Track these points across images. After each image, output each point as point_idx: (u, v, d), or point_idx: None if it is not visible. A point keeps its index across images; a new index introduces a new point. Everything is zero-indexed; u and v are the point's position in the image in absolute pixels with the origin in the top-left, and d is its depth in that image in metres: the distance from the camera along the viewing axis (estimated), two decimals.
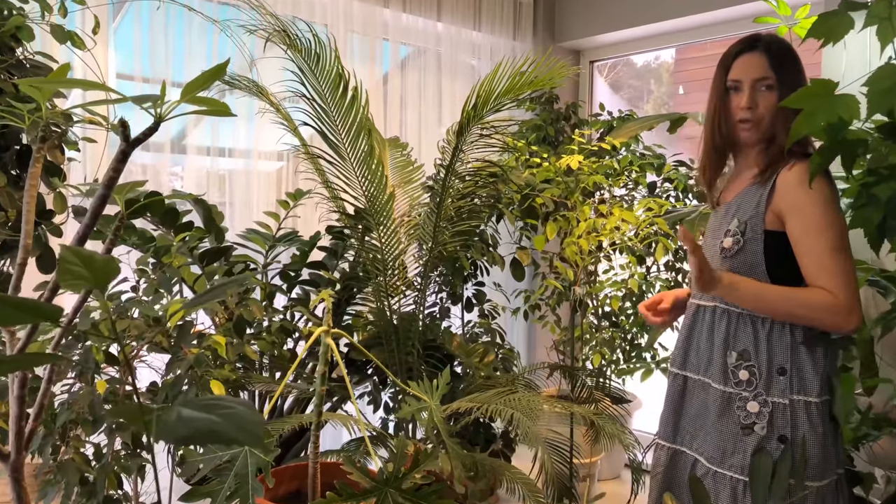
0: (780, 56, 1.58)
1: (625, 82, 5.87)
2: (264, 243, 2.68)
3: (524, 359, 4.31)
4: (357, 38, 3.65)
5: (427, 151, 3.61)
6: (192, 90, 1.08)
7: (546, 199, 2.77)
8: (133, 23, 3.18)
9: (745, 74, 1.60)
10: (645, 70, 6.17)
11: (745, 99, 1.59)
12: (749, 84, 1.60)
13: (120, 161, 1.15)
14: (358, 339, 2.59)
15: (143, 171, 3.13)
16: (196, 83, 1.08)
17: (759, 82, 1.59)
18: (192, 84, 1.08)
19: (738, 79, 1.62)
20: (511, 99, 1.99)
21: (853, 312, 1.46)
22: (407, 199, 2.39)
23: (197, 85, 1.08)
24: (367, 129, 1.92)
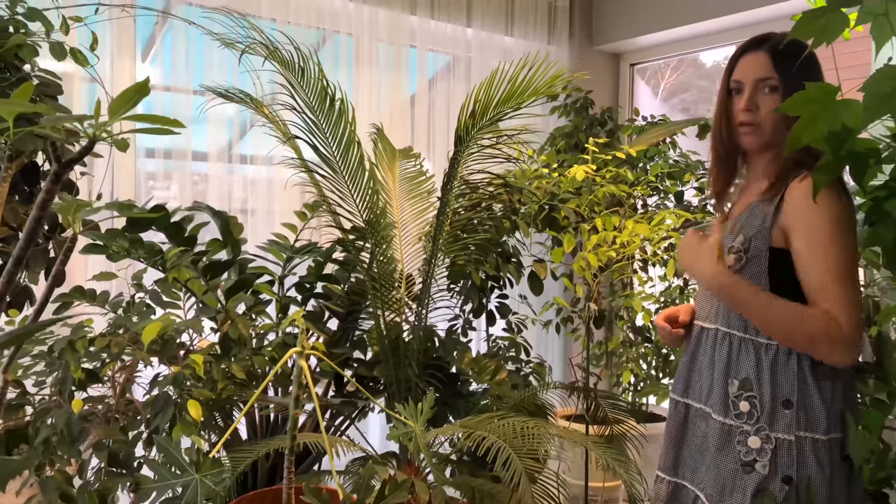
0: (785, 55, 1.44)
1: (692, 83, 5.67)
2: (281, 255, 2.66)
3: (559, 373, 4.17)
4: (384, 46, 3.62)
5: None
6: (120, 107, 1.05)
7: (568, 211, 2.66)
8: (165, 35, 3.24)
9: (747, 74, 1.48)
10: (714, 70, 5.95)
11: (744, 100, 1.47)
12: (750, 85, 1.47)
13: (53, 182, 1.12)
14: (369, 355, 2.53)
15: (166, 177, 3.17)
16: (123, 99, 1.04)
17: (761, 83, 1.46)
18: (118, 101, 1.04)
19: (740, 79, 1.49)
20: (512, 107, 1.90)
21: (853, 346, 1.31)
22: (415, 212, 2.32)
23: (124, 101, 1.04)
24: (356, 143, 1.86)
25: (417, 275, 2.26)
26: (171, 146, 3.20)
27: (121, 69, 3.05)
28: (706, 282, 1.45)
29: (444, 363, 2.20)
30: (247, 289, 2.54)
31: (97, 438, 1.56)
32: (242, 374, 1.72)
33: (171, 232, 2.25)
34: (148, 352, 1.62)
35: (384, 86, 3.64)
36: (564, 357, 4.22)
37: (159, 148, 3.19)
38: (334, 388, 2.60)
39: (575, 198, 2.66)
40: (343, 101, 1.81)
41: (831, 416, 1.37)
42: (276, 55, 1.74)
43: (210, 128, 3.23)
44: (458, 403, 2.25)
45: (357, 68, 3.55)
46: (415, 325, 2.12)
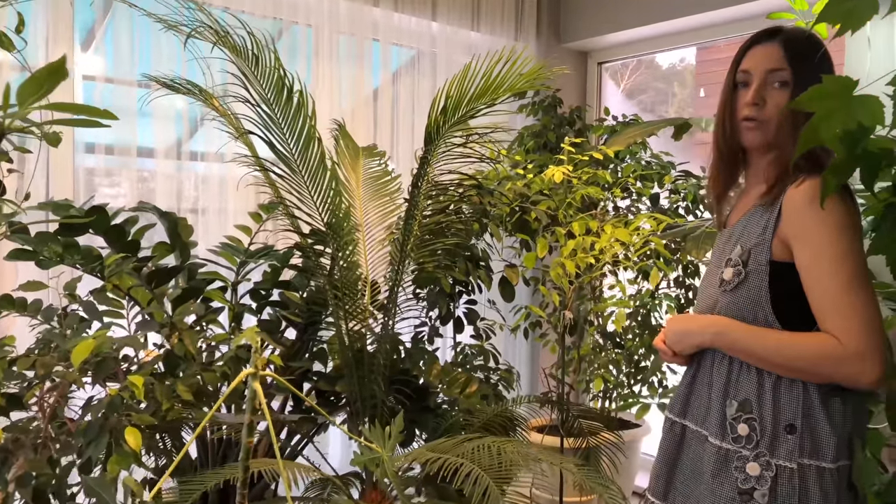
0: (800, 48, 1.34)
1: (649, 85, 5.62)
2: (234, 259, 2.47)
3: (526, 380, 4.06)
4: (345, 39, 3.45)
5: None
6: (31, 93, 0.87)
7: (540, 213, 2.53)
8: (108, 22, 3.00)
9: (756, 65, 1.36)
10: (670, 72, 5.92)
11: (751, 93, 1.35)
12: (759, 77, 1.36)
13: None
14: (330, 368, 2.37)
15: (108, 174, 2.94)
16: (34, 84, 0.87)
17: (771, 75, 1.35)
18: (28, 86, 0.87)
19: (748, 69, 1.38)
20: (486, 103, 1.76)
21: (868, 360, 1.20)
22: (380, 214, 2.16)
23: (35, 86, 0.87)
24: (316, 139, 1.70)
25: (383, 281, 2.10)
26: (115, 141, 2.97)
27: (57, 53, 2.81)
28: (698, 339, 1.40)
29: (411, 377, 2.05)
30: (197, 297, 2.35)
31: (21, 471, 1.37)
32: (189, 394, 1.54)
33: (111, 235, 2.05)
34: (80, 372, 1.43)
35: (345, 80, 3.47)
36: (532, 363, 4.11)
37: (101, 143, 2.96)
38: (292, 402, 2.43)
39: (546, 199, 2.54)
40: (302, 94, 1.65)
41: (840, 443, 1.27)
42: (226, 41, 1.56)
43: (158, 122, 3.02)
44: (426, 419, 2.10)
45: (316, 61, 3.37)
46: (381, 336, 1.96)
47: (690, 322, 1.44)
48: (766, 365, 1.31)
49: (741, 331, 1.33)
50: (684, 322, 1.45)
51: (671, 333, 1.46)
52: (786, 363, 1.28)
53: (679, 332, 1.44)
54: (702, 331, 1.39)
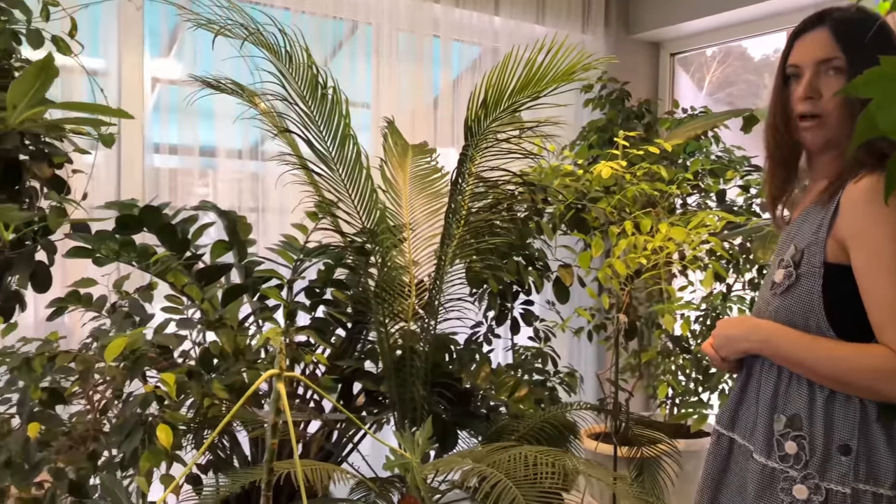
0: (852, 30, 1.20)
1: (739, 77, 5.36)
2: (291, 257, 2.49)
3: (591, 385, 3.93)
4: (404, 36, 3.43)
5: None
6: (22, 94, 0.87)
7: (598, 212, 2.42)
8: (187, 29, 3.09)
9: (805, 57, 1.23)
10: (762, 63, 5.62)
11: (803, 87, 1.22)
12: (810, 68, 1.23)
13: None
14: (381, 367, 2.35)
15: (171, 177, 3.03)
16: (25, 84, 0.86)
17: (823, 65, 1.21)
18: (19, 87, 0.86)
19: (797, 63, 1.25)
20: (530, 96, 1.68)
21: None
22: (427, 212, 2.12)
23: (26, 87, 0.86)
24: (351, 137, 1.67)
25: (430, 281, 2.06)
26: (184, 142, 3.06)
27: (128, 63, 2.92)
28: (743, 345, 1.30)
29: (453, 380, 1.99)
30: (243, 293, 2.38)
31: (60, 465, 1.40)
32: (224, 392, 1.54)
33: (163, 233, 2.10)
34: (110, 370, 1.45)
35: (405, 78, 3.45)
36: (598, 365, 3.98)
37: (172, 144, 3.06)
38: (343, 402, 2.42)
39: (606, 197, 2.43)
40: (336, 91, 1.62)
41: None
42: (259, 39, 1.56)
43: (223, 123, 3.08)
44: (471, 423, 2.04)
45: (377, 60, 3.37)
46: (422, 337, 1.92)
47: (737, 326, 1.32)
48: (816, 377, 1.18)
49: (789, 338, 1.21)
50: (731, 326, 1.34)
51: (718, 337, 1.35)
52: (837, 376, 1.15)
53: (725, 336, 1.33)
54: (746, 336, 1.28)
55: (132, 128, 2.93)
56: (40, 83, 0.81)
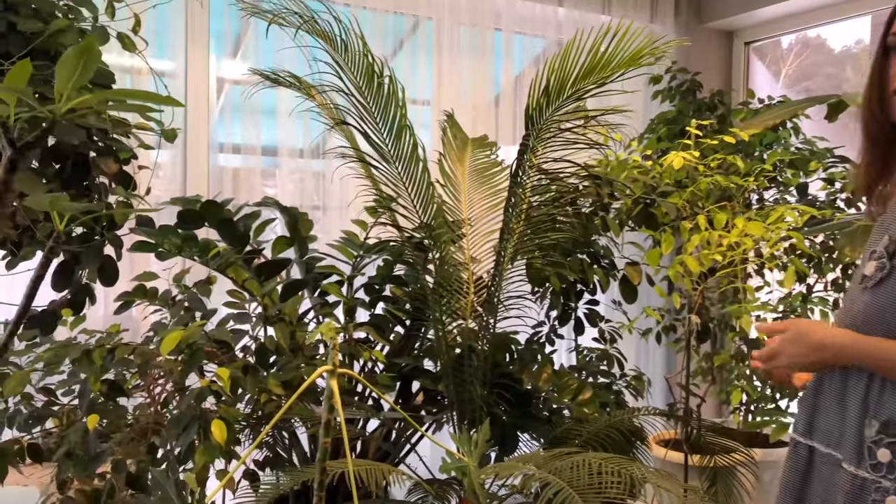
0: None
1: (817, 70, 5.09)
2: (351, 253, 2.47)
3: (659, 389, 3.77)
4: (466, 30, 3.37)
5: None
6: (67, 79, 0.85)
7: (668, 207, 2.30)
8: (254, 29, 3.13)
9: None
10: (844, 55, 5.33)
11: None
12: None
13: (8, 171, 0.95)
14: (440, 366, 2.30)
15: (234, 175, 3.06)
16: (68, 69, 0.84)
17: None
18: (64, 73, 0.84)
19: None
20: (596, 83, 1.60)
21: None
22: (486, 207, 2.06)
23: (70, 71, 0.84)
24: (408, 128, 1.62)
25: (489, 278, 1.99)
26: (249, 142, 3.09)
27: (195, 62, 2.96)
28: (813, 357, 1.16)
29: (513, 380, 1.92)
30: (302, 288, 2.37)
31: (119, 457, 1.41)
32: (279, 388, 1.52)
33: (223, 228, 2.11)
34: (167, 363, 1.45)
35: (467, 72, 3.39)
36: (666, 369, 3.82)
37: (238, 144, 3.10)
38: (401, 401, 2.39)
39: (677, 192, 2.31)
40: (392, 81, 1.58)
41: None
42: (314, 27, 1.53)
43: (287, 121, 3.10)
44: (533, 426, 1.96)
45: (438, 55, 3.33)
46: (480, 336, 1.85)
47: (799, 343, 1.17)
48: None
49: (866, 347, 1.08)
50: (792, 344, 1.19)
51: (781, 355, 1.20)
52: None
53: (791, 345, 1.18)
54: (819, 342, 1.15)
55: (198, 128, 2.98)
56: (83, 67, 0.78)
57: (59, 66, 0.77)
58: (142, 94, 0.92)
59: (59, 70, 0.77)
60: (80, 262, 2.13)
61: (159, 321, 1.69)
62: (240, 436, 1.77)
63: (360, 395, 2.34)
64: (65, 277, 2.21)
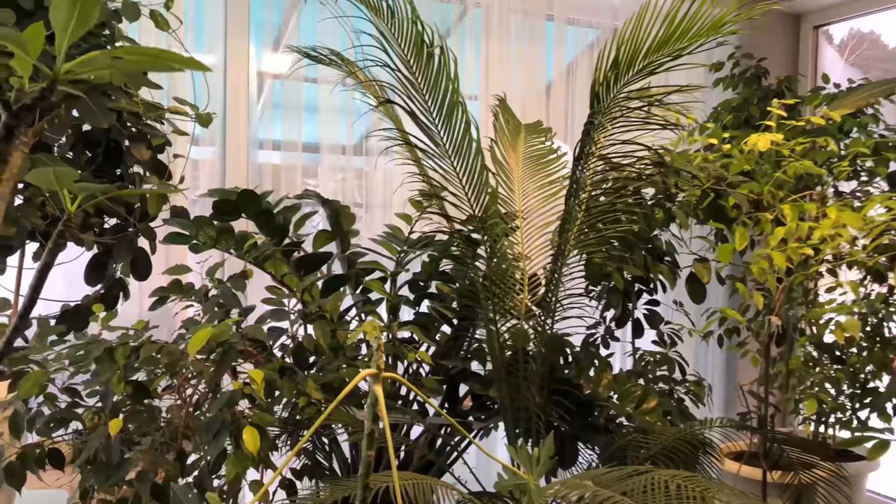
0: None
1: (873, 66, 4.80)
2: (395, 248, 2.34)
3: (720, 396, 3.55)
4: (516, 18, 3.20)
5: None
6: (64, 25, 0.72)
7: (740, 198, 2.10)
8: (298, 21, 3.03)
9: None
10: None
11: None
12: None
13: (3, 139, 0.82)
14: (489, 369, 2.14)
15: (274, 172, 2.96)
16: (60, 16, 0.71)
17: None
18: (58, 14, 0.71)
19: None
20: (670, 55, 1.42)
21: None
22: (541, 197, 1.89)
23: (66, 15, 0.71)
24: (460, 105, 1.46)
25: (544, 274, 1.83)
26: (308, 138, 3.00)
27: (235, 50, 2.86)
28: None
29: (573, 386, 1.75)
30: (343, 284, 2.25)
31: (143, 467, 1.28)
32: (318, 393, 1.38)
33: (260, 219, 1.99)
34: (195, 364, 1.32)
35: (517, 62, 3.23)
36: (727, 376, 3.59)
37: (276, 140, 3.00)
38: (448, 405, 2.24)
39: (748, 182, 2.10)
40: (444, 52, 1.42)
41: None
42: None
43: (350, 117, 2.99)
44: (593, 437, 1.79)
45: (486, 46, 3.17)
46: (537, 337, 1.69)
47: None
48: None
49: None
50: None
51: None
52: None
53: None
54: None
55: (237, 123, 2.88)
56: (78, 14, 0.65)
57: (52, 13, 0.64)
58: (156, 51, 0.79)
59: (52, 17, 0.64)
60: (111, 256, 2.04)
61: (191, 318, 1.57)
62: (276, 441, 1.64)
63: (405, 399, 2.20)
64: (97, 271, 2.12)
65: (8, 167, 0.91)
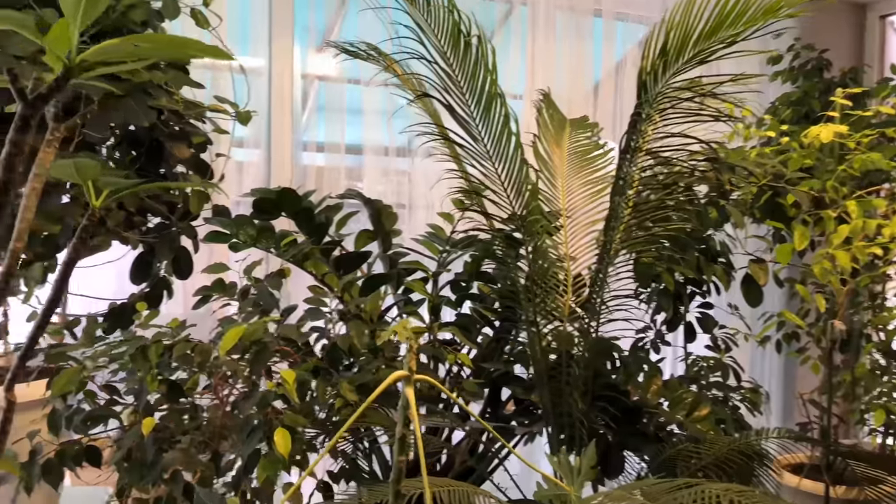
0: None
1: None
2: (437, 248, 2.30)
3: (778, 404, 3.39)
4: (563, 16, 3.13)
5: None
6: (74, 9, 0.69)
7: (800, 196, 1.99)
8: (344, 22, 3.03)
9: None
10: None
11: None
12: None
13: (19, 130, 0.80)
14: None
15: (318, 174, 2.95)
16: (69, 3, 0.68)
17: None
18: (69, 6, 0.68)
19: None
20: (722, 41, 1.34)
21: None
22: (587, 195, 1.82)
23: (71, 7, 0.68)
24: (498, 97, 1.40)
25: (589, 275, 1.75)
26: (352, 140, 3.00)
27: (279, 52, 2.87)
28: None
29: (619, 392, 1.67)
30: (397, 285, 2.22)
31: (176, 467, 1.27)
32: (353, 394, 1.35)
33: (300, 218, 1.97)
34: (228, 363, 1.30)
35: (563, 63, 3.15)
36: (785, 384, 3.43)
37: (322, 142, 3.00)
38: (490, 410, 2.18)
39: (809, 178, 1.99)
40: (481, 41, 1.37)
41: None
42: None
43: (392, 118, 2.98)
44: (640, 445, 1.71)
45: (532, 44, 3.10)
46: (580, 341, 1.62)
47: None
48: None
49: None
50: None
51: None
52: None
53: None
54: None
55: (282, 125, 2.89)
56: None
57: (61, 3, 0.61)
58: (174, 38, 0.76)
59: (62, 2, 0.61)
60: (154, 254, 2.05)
61: (228, 317, 1.55)
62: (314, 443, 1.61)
63: (446, 402, 2.15)
64: (143, 270, 2.14)
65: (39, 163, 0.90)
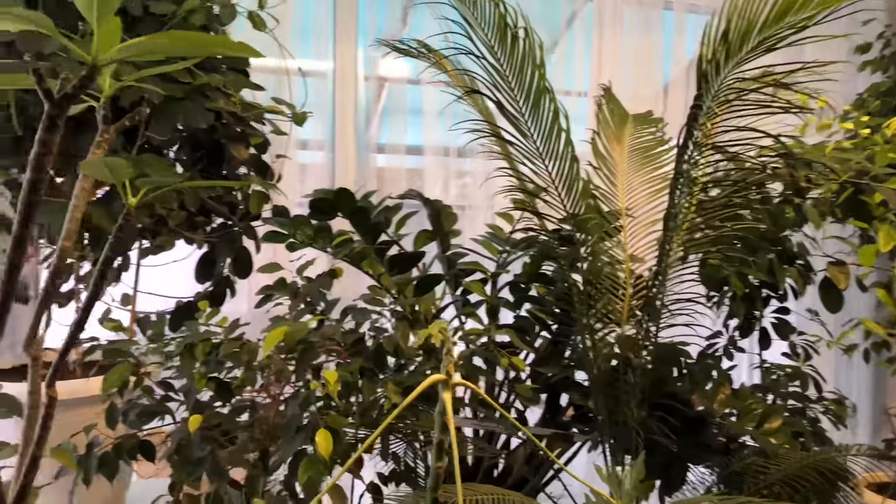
0: None
1: None
2: (496, 249, 2.26)
3: (866, 418, 3.17)
4: (630, 11, 3.02)
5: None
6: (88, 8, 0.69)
7: (888, 193, 1.84)
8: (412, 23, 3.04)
9: None
10: None
11: None
12: None
13: (47, 130, 0.81)
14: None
15: (379, 174, 2.96)
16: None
17: None
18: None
19: None
20: (791, 28, 1.25)
21: None
22: (649, 192, 1.74)
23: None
24: (547, 92, 1.35)
25: (649, 277, 1.67)
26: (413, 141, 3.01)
27: (343, 56, 2.90)
28: None
29: (679, 401, 1.58)
30: (455, 286, 2.19)
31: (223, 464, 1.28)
32: (398, 396, 1.32)
33: (356, 217, 1.97)
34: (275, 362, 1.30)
35: (631, 60, 3.05)
36: (875, 396, 3.20)
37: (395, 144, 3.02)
38: (548, 416, 2.12)
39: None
40: (528, 34, 1.32)
41: None
42: None
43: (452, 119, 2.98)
44: (706, 457, 1.61)
45: (598, 41, 3.02)
46: (641, 347, 1.54)
47: None
48: None
49: None
50: None
51: None
52: None
53: None
54: None
55: (346, 127, 2.91)
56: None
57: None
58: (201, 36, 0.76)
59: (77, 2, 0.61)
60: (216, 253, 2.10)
61: (279, 316, 1.56)
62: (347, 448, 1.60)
63: (504, 407, 2.11)
64: (206, 269, 2.19)
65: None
